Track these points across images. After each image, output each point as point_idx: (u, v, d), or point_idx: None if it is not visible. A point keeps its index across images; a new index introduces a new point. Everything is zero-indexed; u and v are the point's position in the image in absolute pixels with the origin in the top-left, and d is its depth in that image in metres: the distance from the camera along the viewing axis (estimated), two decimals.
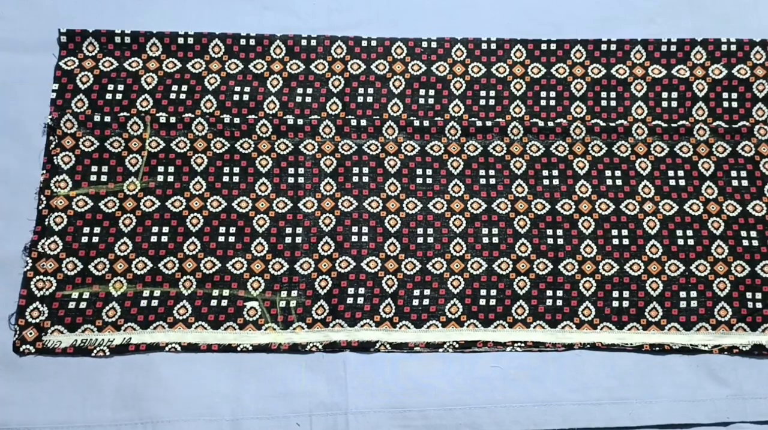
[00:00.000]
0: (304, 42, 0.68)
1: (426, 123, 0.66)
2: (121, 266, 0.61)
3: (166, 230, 0.62)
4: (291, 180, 0.64)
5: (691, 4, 0.71)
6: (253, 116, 0.66)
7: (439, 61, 0.68)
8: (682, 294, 0.62)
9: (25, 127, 0.65)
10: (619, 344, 0.60)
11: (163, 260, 0.61)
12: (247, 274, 0.61)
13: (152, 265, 0.61)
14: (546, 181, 0.65)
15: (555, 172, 0.65)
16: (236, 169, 0.64)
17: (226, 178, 0.64)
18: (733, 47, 0.68)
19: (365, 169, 0.65)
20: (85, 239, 0.62)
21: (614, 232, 0.63)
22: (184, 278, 0.61)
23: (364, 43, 0.68)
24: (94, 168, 0.63)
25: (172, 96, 0.66)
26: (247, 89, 0.66)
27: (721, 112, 0.67)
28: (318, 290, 0.61)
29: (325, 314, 0.60)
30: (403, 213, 0.64)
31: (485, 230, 0.63)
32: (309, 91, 0.67)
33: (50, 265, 0.61)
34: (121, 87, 0.66)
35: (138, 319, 0.60)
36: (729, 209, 0.64)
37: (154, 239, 0.62)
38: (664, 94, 0.67)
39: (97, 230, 0.62)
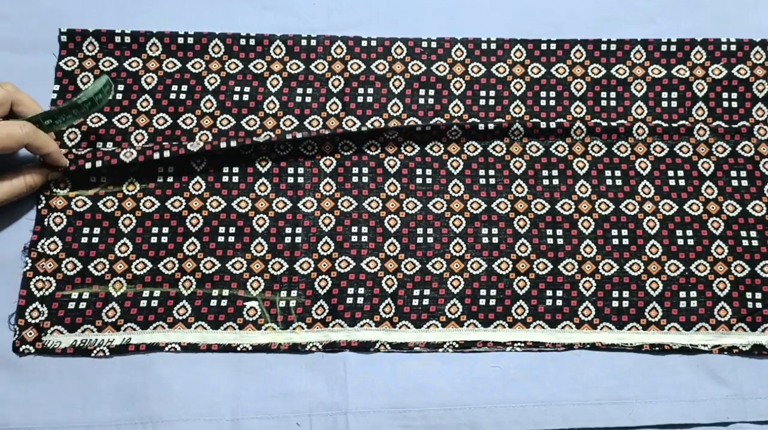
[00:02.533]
0: (304, 42, 0.68)
1: None
2: (120, 266, 0.61)
3: (165, 230, 0.62)
4: (290, 180, 0.64)
5: (691, 4, 0.71)
6: (253, 116, 0.66)
7: (439, 61, 0.68)
8: (682, 294, 0.62)
9: None
10: (619, 344, 0.60)
11: (162, 261, 0.61)
12: (246, 274, 0.61)
13: (152, 265, 0.61)
14: (546, 182, 0.65)
15: (555, 173, 0.65)
16: (236, 170, 0.64)
17: (225, 179, 0.64)
18: (733, 47, 0.68)
19: (365, 170, 0.65)
20: (84, 240, 0.62)
21: (614, 232, 0.63)
22: (184, 278, 0.61)
23: (364, 43, 0.68)
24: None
25: (172, 96, 0.66)
26: (247, 89, 0.66)
27: (721, 112, 0.67)
28: (318, 289, 0.61)
29: (324, 314, 0.60)
30: (403, 213, 0.64)
31: (485, 230, 0.63)
32: (309, 91, 0.67)
33: (50, 265, 0.61)
34: (121, 87, 0.66)
35: (138, 319, 0.60)
36: (729, 209, 0.64)
37: (153, 239, 0.62)
38: (664, 94, 0.67)
39: (96, 230, 0.62)
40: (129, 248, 0.62)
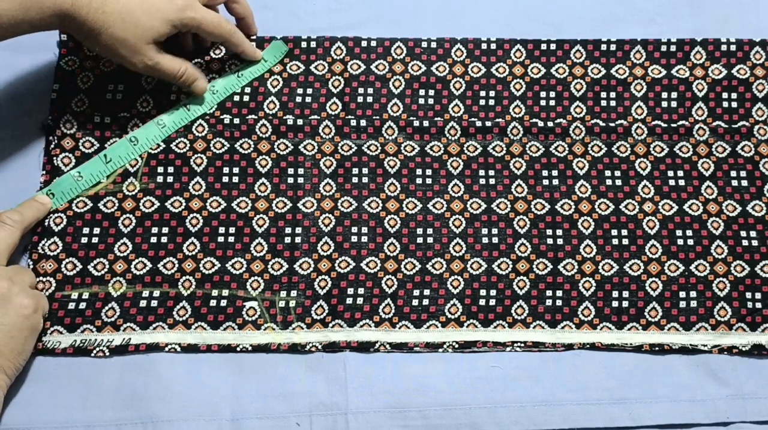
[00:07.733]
0: (303, 44, 0.68)
1: (426, 123, 0.66)
2: (120, 266, 0.61)
3: (165, 230, 0.62)
4: (290, 180, 0.64)
5: (691, 4, 0.71)
6: (253, 116, 0.66)
7: (439, 61, 0.68)
8: (682, 294, 0.62)
9: (25, 128, 0.65)
10: (618, 344, 0.60)
11: (162, 261, 0.61)
12: (246, 274, 0.61)
13: (152, 265, 0.61)
14: (546, 182, 0.65)
15: (555, 173, 0.65)
16: (236, 170, 0.64)
17: (225, 179, 0.64)
18: (733, 47, 0.68)
19: (365, 170, 0.65)
20: (84, 240, 0.62)
21: (614, 232, 0.63)
22: (184, 278, 0.61)
23: (364, 44, 0.68)
24: None
25: (173, 97, 0.66)
26: (247, 90, 0.66)
27: (720, 112, 0.67)
28: (317, 290, 0.61)
29: (324, 314, 0.60)
30: (403, 213, 0.64)
31: (485, 230, 0.63)
32: (309, 91, 0.67)
33: (50, 265, 0.61)
34: (121, 87, 0.66)
35: (137, 319, 0.60)
36: (729, 209, 0.64)
37: (153, 239, 0.62)
38: (664, 94, 0.67)
39: (96, 230, 0.62)
40: (129, 248, 0.62)
